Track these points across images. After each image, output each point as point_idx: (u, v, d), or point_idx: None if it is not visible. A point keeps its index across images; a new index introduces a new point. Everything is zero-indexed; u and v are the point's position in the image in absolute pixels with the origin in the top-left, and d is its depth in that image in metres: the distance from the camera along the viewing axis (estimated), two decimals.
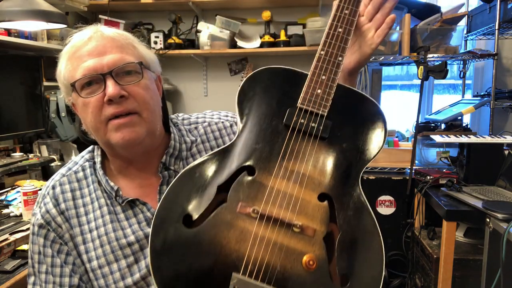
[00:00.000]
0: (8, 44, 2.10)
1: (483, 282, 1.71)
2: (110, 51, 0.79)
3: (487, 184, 2.11)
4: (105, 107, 0.78)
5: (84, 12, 2.81)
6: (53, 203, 0.87)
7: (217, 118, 1.01)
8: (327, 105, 0.78)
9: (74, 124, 2.52)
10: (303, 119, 0.77)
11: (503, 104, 2.50)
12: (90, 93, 0.79)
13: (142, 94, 0.80)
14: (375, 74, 3.02)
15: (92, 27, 0.83)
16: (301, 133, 0.77)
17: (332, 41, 0.83)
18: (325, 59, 0.81)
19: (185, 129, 0.96)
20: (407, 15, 2.56)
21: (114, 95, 0.76)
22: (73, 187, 0.89)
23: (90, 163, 0.91)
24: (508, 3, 2.31)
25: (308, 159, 0.75)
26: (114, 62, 0.79)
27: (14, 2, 1.74)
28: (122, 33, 0.85)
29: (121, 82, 0.79)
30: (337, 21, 0.83)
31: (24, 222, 1.64)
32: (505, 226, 1.53)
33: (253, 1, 2.94)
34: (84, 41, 0.80)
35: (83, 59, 0.78)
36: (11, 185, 2.07)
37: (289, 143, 0.76)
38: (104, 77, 0.78)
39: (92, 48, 0.79)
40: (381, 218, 2.54)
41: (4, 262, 1.42)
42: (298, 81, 0.82)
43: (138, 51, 0.85)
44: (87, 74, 0.77)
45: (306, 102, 0.78)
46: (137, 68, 0.82)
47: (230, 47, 2.92)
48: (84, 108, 0.80)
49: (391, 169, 2.60)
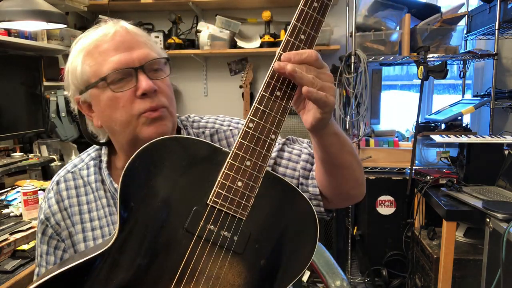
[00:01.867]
0: (8, 44, 2.09)
1: (483, 282, 1.71)
2: (137, 46, 0.79)
3: (487, 184, 2.11)
4: (137, 102, 0.77)
5: (84, 12, 2.81)
6: (56, 198, 0.87)
7: (226, 125, 0.95)
8: (247, 205, 0.59)
9: (74, 124, 2.52)
10: (213, 225, 0.57)
11: (503, 104, 2.50)
12: (120, 87, 0.77)
13: (167, 90, 0.81)
14: (375, 74, 3.01)
15: (111, 23, 0.81)
16: (209, 244, 0.57)
17: (267, 110, 0.61)
18: (253, 136, 0.60)
19: (193, 132, 0.93)
20: (407, 15, 2.56)
21: (149, 88, 0.76)
22: (78, 184, 0.88)
23: (95, 161, 0.90)
24: (508, 3, 2.31)
25: (214, 283, 0.57)
26: (144, 57, 0.78)
27: (14, 2, 1.74)
28: (141, 30, 0.85)
29: (152, 77, 0.79)
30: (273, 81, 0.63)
31: (24, 222, 1.64)
32: (505, 226, 1.53)
33: (253, 1, 2.94)
34: (110, 35, 0.78)
35: (110, 54, 0.77)
36: (11, 185, 2.06)
37: (189, 260, 0.56)
38: (136, 71, 0.77)
39: (119, 43, 0.78)
40: (381, 218, 2.54)
41: (4, 262, 1.42)
42: (213, 163, 0.60)
43: (157, 48, 0.85)
44: (118, 68, 0.76)
45: (220, 200, 0.59)
46: (161, 65, 0.82)
47: (230, 47, 2.92)
48: (112, 103, 0.78)
49: (391, 169, 2.60)
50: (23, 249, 1.48)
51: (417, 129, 2.44)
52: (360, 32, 2.60)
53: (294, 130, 2.72)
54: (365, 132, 2.66)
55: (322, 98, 0.61)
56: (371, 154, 2.60)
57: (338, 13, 2.98)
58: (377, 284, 2.56)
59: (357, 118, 2.59)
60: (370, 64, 2.79)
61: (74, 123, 2.53)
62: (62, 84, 2.89)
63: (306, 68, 0.63)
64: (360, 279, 2.62)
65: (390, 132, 2.86)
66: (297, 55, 0.64)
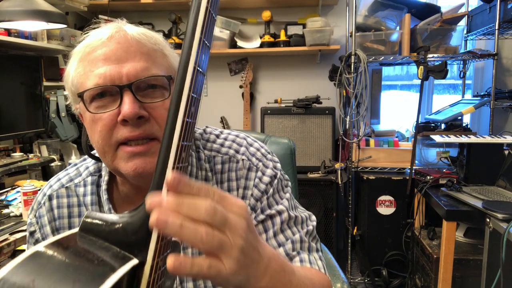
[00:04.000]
0: (8, 44, 2.09)
1: (483, 282, 1.71)
2: (133, 57, 0.64)
3: (487, 184, 2.11)
4: (118, 128, 0.63)
5: (84, 12, 2.81)
6: (48, 218, 0.77)
7: (241, 153, 0.78)
8: None
9: (74, 124, 2.52)
10: None
11: (503, 104, 2.50)
12: (101, 108, 0.64)
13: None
14: (375, 74, 3.02)
15: (114, 24, 0.68)
16: None
17: None
18: None
19: (206, 156, 0.78)
20: (407, 15, 2.56)
21: (130, 115, 0.61)
22: (71, 202, 0.77)
23: (93, 178, 0.78)
24: (508, 3, 2.31)
25: None
26: (136, 73, 0.63)
27: (14, 2, 1.74)
28: (152, 35, 0.68)
29: (142, 99, 0.63)
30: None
31: (24, 222, 1.64)
32: (505, 226, 1.53)
33: (253, 1, 2.94)
34: (103, 40, 0.65)
35: (97, 64, 0.64)
36: (11, 185, 2.07)
37: None
38: (121, 90, 0.62)
39: (111, 52, 0.64)
40: (381, 218, 2.55)
41: (4, 262, 1.42)
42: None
43: (169, 61, 0.69)
44: (100, 84, 0.63)
45: None
46: (164, 83, 0.66)
47: (230, 47, 2.92)
48: (92, 125, 0.65)
49: (391, 169, 2.60)
50: (23, 249, 1.48)
51: (417, 129, 2.44)
52: (360, 32, 2.60)
53: (294, 131, 2.73)
54: (365, 132, 2.66)
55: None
56: (371, 154, 2.60)
57: (338, 13, 2.98)
58: (377, 284, 2.56)
59: (357, 118, 2.59)
60: (370, 64, 2.79)
61: (74, 123, 2.53)
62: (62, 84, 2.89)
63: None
64: (360, 279, 2.62)
65: (390, 132, 2.87)
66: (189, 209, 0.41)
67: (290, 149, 1.24)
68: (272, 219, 0.75)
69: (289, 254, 0.72)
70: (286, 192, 0.80)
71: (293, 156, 1.24)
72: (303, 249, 0.74)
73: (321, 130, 2.73)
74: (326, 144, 2.73)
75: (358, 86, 2.49)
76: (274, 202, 0.77)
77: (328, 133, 2.73)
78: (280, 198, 0.78)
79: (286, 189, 0.80)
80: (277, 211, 0.75)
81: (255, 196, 0.76)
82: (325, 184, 2.60)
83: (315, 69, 3.08)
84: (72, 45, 2.56)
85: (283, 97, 2.94)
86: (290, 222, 0.76)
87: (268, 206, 0.76)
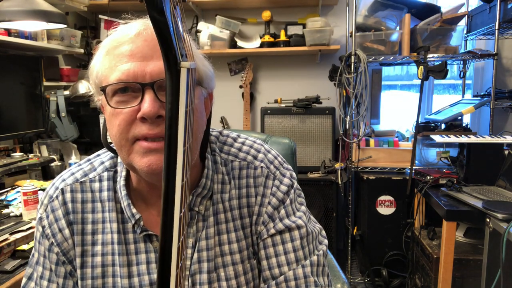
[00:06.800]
0: (8, 44, 2.09)
1: (483, 282, 1.71)
2: (158, 56, 0.64)
3: (487, 184, 2.11)
4: (136, 124, 0.64)
5: (84, 12, 2.81)
6: (63, 211, 0.75)
7: (260, 160, 0.79)
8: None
9: (74, 124, 2.52)
10: None
11: (503, 104, 2.50)
12: (122, 103, 0.65)
13: None
14: (375, 74, 3.02)
15: (143, 21, 0.70)
16: None
17: None
18: None
19: (222, 159, 0.78)
20: (407, 15, 2.56)
21: (150, 114, 0.62)
22: (86, 198, 0.76)
23: (109, 173, 0.77)
24: (508, 3, 2.31)
25: None
26: (159, 72, 0.63)
27: (14, 2, 1.74)
28: None
29: (163, 98, 0.63)
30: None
31: (24, 222, 1.64)
32: (505, 226, 1.53)
33: (253, 1, 2.94)
34: (130, 37, 0.65)
35: (123, 59, 0.64)
36: (11, 185, 2.06)
37: None
38: (143, 88, 0.63)
39: (137, 48, 0.64)
40: (381, 218, 2.55)
41: (4, 262, 1.42)
42: None
43: (197, 63, 0.69)
44: (123, 80, 0.63)
45: None
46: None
47: (230, 47, 2.92)
48: (112, 118, 0.66)
49: (391, 169, 2.60)
50: (23, 249, 1.48)
51: (417, 129, 2.44)
52: (360, 32, 2.60)
53: (294, 131, 2.73)
54: (365, 132, 2.66)
55: None
56: (371, 154, 2.60)
57: (338, 13, 2.98)
58: (377, 284, 2.56)
59: (357, 118, 2.59)
60: (370, 64, 2.79)
61: (74, 123, 2.53)
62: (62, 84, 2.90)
63: None
64: (360, 279, 2.63)
65: (390, 132, 2.87)
66: None
67: (291, 149, 1.24)
68: (290, 231, 0.77)
69: (307, 277, 0.75)
70: (302, 204, 0.82)
71: (294, 156, 1.24)
72: (318, 274, 0.77)
73: (321, 130, 2.73)
74: (326, 144, 2.74)
75: (358, 86, 2.49)
76: (292, 212, 0.79)
77: (328, 133, 2.73)
78: (297, 210, 0.80)
79: (300, 200, 0.82)
80: (296, 225, 0.77)
81: (272, 204, 0.78)
82: (325, 184, 2.61)
83: (315, 69, 3.09)
84: (72, 45, 2.57)
85: (283, 97, 2.94)
86: (308, 238, 0.78)
87: (286, 216, 0.78)
